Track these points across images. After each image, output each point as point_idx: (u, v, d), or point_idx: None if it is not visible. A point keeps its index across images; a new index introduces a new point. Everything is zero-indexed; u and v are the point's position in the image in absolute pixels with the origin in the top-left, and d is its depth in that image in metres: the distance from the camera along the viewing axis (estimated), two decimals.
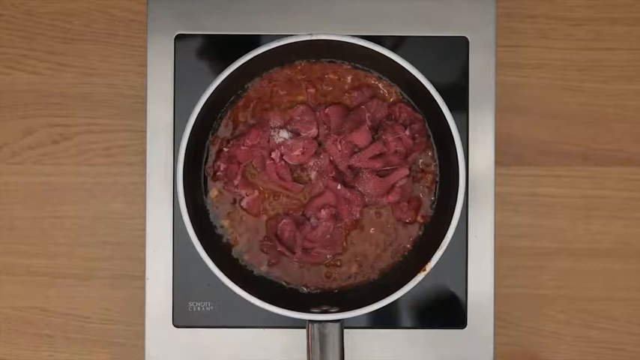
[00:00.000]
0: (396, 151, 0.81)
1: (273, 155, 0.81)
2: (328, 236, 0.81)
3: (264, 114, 0.82)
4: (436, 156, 0.82)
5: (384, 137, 0.80)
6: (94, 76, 0.86)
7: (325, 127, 0.81)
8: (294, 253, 0.81)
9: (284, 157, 0.81)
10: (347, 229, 0.82)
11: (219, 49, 0.83)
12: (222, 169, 0.81)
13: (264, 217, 0.82)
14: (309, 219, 0.81)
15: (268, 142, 0.81)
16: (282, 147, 0.81)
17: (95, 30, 0.87)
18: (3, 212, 0.86)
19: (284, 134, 0.81)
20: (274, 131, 0.81)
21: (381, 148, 0.80)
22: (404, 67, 0.76)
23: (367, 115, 0.81)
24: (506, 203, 0.86)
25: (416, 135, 0.81)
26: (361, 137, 0.80)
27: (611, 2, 0.87)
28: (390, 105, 0.82)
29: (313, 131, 0.81)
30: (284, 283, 0.82)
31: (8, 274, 0.86)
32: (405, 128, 0.81)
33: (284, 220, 0.81)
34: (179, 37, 0.83)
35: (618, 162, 0.86)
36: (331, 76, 0.83)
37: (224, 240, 0.82)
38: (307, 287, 0.82)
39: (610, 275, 0.87)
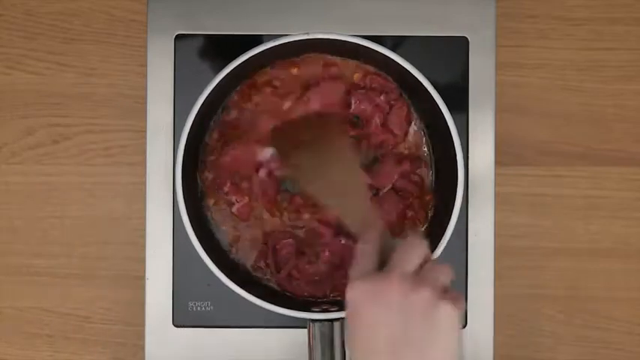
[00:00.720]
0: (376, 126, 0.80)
1: (261, 174, 0.80)
2: (316, 278, 0.81)
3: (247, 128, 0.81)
4: (432, 160, 0.82)
5: (362, 107, 0.80)
6: (94, 76, 0.86)
7: None
8: (278, 272, 0.80)
9: (273, 173, 0.80)
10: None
11: (219, 49, 0.83)
12: (210, 178, 0.81)
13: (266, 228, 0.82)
14: (308, 248, 0.81)
15: (253, 156, 0.80)
16: (269, 164, 0.80)
17: (95, 30, 0.87)
18: (3, 212, 0.86)
19: (268, 151, 0.80)
20: (258, 148, 0.80)
21: (355, 111, 0.79)
22: (403, 67, 0.76)
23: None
24: (506, 203, 0.86)
25: (392, 102, 0.81)
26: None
27: (611, 2, 0.87)
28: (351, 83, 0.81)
29: None
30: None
31: (8, 274, 0.86)
32: (380, 94, 0.80)
33: (289, 240, 0.81)
34: (179, 37, 0.83)
35: (618, 162, 0.86)
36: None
37: (223, 241, 0.82)
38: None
39: (610, 275, 0.87)
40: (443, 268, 0.61)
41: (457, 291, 0.61)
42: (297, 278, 0.81)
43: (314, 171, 0.72)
